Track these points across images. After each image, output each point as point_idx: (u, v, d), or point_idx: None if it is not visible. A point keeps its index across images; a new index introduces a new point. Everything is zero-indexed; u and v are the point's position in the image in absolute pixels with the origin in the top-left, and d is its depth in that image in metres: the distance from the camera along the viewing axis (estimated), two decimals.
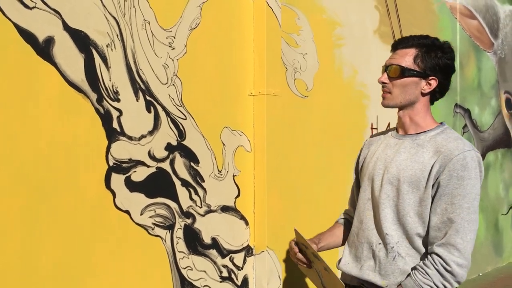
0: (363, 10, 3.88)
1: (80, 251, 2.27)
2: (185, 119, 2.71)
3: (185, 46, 2.71)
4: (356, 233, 1.94)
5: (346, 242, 2.02)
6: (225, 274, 2.91)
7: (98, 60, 2.34)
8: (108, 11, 2.38)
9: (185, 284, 2.70)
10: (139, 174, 2.50)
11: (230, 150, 2.94)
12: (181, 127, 2.69)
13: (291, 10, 3.27)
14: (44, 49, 2.16)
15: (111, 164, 2.38)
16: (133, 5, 2.48)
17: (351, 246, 1.96)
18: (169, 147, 2.63)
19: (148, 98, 2.54)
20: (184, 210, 2.70)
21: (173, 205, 2.64)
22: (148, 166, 2.54)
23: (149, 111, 2.55)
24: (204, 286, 2.80)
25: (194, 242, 2.75)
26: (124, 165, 2.44)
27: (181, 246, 2.68)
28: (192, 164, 2.73)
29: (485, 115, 5.64)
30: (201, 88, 2.79)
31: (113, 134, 2.39)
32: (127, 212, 2.45)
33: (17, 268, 2.07)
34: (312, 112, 3.42)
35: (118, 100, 2.41)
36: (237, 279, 2.98)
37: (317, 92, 3.45)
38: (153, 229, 2.56)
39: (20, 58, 2.09)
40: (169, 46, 2.64)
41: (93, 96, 2.32)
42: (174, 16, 2.67)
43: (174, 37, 2.66)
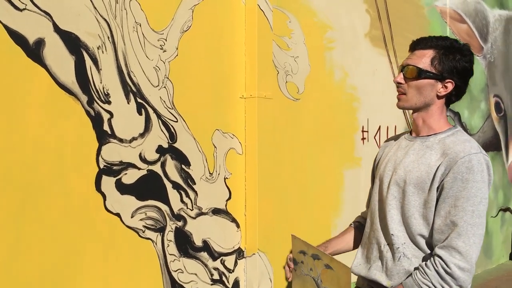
0: (354, 14, 3.91)
1: (70, 254, 2.25)
2: (177, 121, 2.71)
3: (177, 48, 2.71)
4: (368, 234, 1.94)
5: (360, 244, 2.01)
6: (216, 276, 2.90)
7: (89, 62, 2.33)
8: (99, 13, 2.37)
9: (176, 287, 2.69)
10: (130, 177, 2.49)
11: (222, 152, 2.94)
12: (173, 130, 2.69)
13: (283, 13, 3.28)
14: (34, 51, 2.15)
15: (101, 166, 2.37)
16: (124, 7, 2.47)
17: (363, 247, 1.96)
18: (160, 150, 2.63)
19: (139, 100, 2.53)
20: (175, 213, 2.69)
21: (164, 207, 2.63)
22: (139, 169, 2.53)
23: (140, 114, 2.54)
24: None
25: (185, 245, 2.74)
26: (114, 167, 2.43)
27: (172, 249, 2.67)
28: (183, 166, 2.73)
29: (475, 118, 5.69)
30: (192, 91, 2.79)
31: (103, 136, 2.38)
32: (118, 215, 2.44)
33: (4, 272, 2.05)
34: (304, 115, 3.43)
35: (109, 103, 2.40)
36: (228, 282, 2.98)
37: (309, 95, 3.46)
38: (144, 232, 2.55)
39: (10, 60, 2.08)
40: (161, 49, 2.64)
41: (84, 98, 2.31)
42: (165, 18, 2.67)
43: (166, 40, 2.66)
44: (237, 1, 3.03)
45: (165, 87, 2.65)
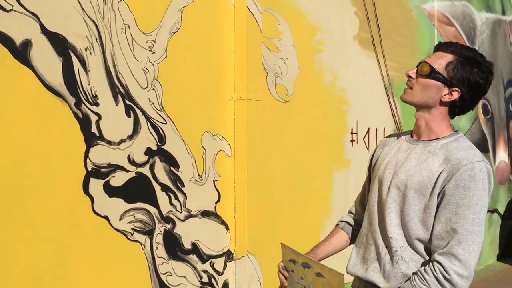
0: (343, 16, 3.92)
1: (57, 257, 2.23)
2: (165, 123, 2.69)
3: (166, 50, 2.70)
4: (365, 234, 1.94)
5: (354, 243, 2.01)
6: (205, 279, 2.89)
7: (76, 64, 2.31)
8: (87, 14, 2.35)
9: None
10: (118, 179, 2.47)
11: (211, 154, 2.93)
12: (161, 132, 2.67)
13: (272, 15, 3.29)
14: (21, 52, 2.13)
15: (89, 169, 2.35)
16: (113, 8, 2.46)
17: (359, 247, 1.95)
18: (149, 152, 2.61)
19: (127, 102, 2.52)
20: (164, 215, 2.67)
21: (152, 210, 2.62)
22: (128, 171, 2.51)
23: (129, 116, 2.53)
24: None
25: (174, 248, 2.73)
26: (103, 170, 2.41)
27: (160, 251, 2.66)
28: (172, 168, 2.72)
29: (462, 120, 5.73)
30: (181, 93, 2.78)
31: (91, 138, 2.36)
32: (106, 217, 2.42)
33: None
34: (293, 117, 3.43)
35: (97, 104, 2.39)
36: (217, 285, 2.96)
37: (298, 97, 3.46)
38: (132, 235, 2.53)
39: None
40: (149, 50, 2.62)
41: (71, 100, 2.29)
42: (154, 20, 2.65)
43: (154, 41, 2.65)
44: (226, 3, 3.03)
45: (153, 89, 2.64)
